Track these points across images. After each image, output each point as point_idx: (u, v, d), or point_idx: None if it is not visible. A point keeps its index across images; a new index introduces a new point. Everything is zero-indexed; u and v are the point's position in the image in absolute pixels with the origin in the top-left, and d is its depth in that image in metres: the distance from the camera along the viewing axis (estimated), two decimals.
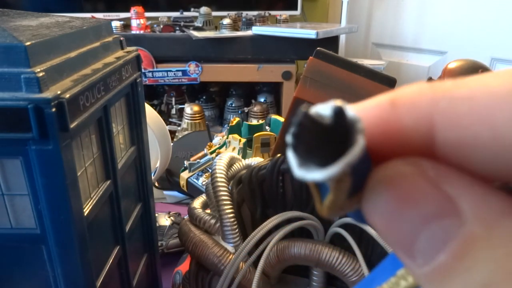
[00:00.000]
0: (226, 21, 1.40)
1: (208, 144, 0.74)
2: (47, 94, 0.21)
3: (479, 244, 0.09)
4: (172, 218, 0.62)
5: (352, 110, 0.11)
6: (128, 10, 1.43)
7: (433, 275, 0.10)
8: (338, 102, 0.10)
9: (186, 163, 0.71)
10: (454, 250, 0.10)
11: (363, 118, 0.11)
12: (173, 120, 1.46)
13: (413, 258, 0.10)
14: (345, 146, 0.10)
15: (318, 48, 0.45)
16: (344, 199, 0.11)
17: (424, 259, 0.10)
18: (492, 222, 0.09)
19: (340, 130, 0.10)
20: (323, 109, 0.10)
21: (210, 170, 0.41)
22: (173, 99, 1.48)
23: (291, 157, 0.10)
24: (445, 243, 0.10)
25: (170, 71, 1.37)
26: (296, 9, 1.58)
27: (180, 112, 1.41)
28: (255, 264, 0.36)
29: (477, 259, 0.09)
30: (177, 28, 1.42)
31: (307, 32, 1.26)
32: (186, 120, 1.19)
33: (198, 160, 0.70)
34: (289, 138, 0.10)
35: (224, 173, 0.39)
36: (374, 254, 0.37)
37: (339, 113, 0.10)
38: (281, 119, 0.72)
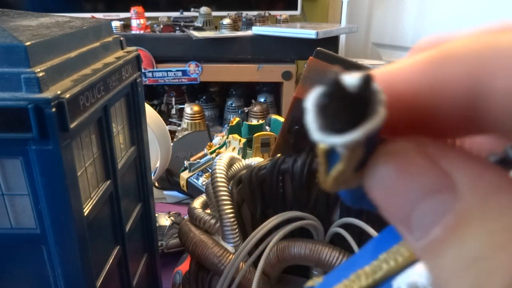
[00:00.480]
0: (226, 21, 1.40)
1: (208, 144, 0.74)
2: (47, 94, 0.21)
3: (472, 218, 0.10)
4: (172, 218, 0.62)
5: (383, 76, 0.11)
6: (128, 10, 1.43)
7: (429, 248, 0.10)
8: (361, 74, 0.10)
9: (186, 163, 0.71)
10: (448, 224, 0.10)
11: (403, 78, 0.11)
12: (173, 120, 1.46)
13: (411, 231, 0.10)
14: (365, 116, 0.10)
15: (318, 48, 0.45)
16: (351, 171, 0.11)
17: (420, 233, 0.10)
18: (486, 197, 0.10)
19: (363, 99, 0.10)
20: (351, 78, 0.10)
21: (210, 170, 0.41)
22: (173, 99, 1.48)
23: (311, 120, 0.10)
24: (440, 217, 0.10)
25: (170, 71, 1.37)
26: (296, 9, 1.58)
27: (180, 112, 1.41)
28: (255, 264, 0.36)
29: (470, 233, 0.09)
30: (177, 28, 1.42)
31: (307, 32, 1.26)
32: (186, 120, 1.19)
33: (198, 160, 0.70)
34: (311, 101, 0.10)
35: (224, 173, 0.39)
36: None
37: (366, 82, 0.10)
38: (281, 119, 0.72)
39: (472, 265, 0.09)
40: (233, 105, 1.49)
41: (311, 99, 0.10)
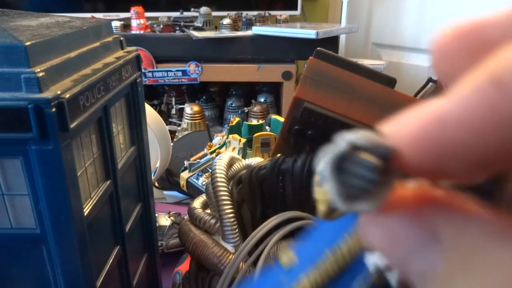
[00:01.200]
0: (226, 21, 1.40)
1: (208, 144, 0.74)
2: (47, 94, 0.21)
3: (456, 274, 0.10)
4: (172, 218, 0.62)
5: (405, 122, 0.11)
6: (128, 10, 1.43)
7: None
8: (369, 134, 0.10)
9: (186, 163, 0.71)
10: (436, 279, 0.10)
11: (460, 112, 0.09)
12: (173, 120, 1.46)
13: (410, 278, 0.11)
14: (381, 175, 0.10)
15: (318, 48, 0.45)
16: None
17: (417, 282, 0.11)
18: (470, 252, 0.10)
19: (375, 160, 0.10)
20: (356, 138, 0.10)
21: (210, 170, 0.41)
22: (173, 99, 1.48)
23: (333, 190, 0.10)
24: (429, 272, 0.10)
25: (170, 71, 1.37)
26: (296, 9, 1.58)
27: (180, 112, 1.41)
28: (255, 264, 0.36)
29: None
30: (177, 28, 1.42)
31: (307, 32, 1.26)
32: (186, 120, 1.19)
33: (198, 160, 0.70)
34: (328, 168, 0.10)
35: (224, 173, 0.39)
36: None
37: (373, 145, 0.10)
38: (281, 119, 0.72)
39: None
40: (233, 105, 1.49)
41: (327, 166, 0.10)
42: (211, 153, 0.70)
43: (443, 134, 0.09)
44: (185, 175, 0.69)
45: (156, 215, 0.53)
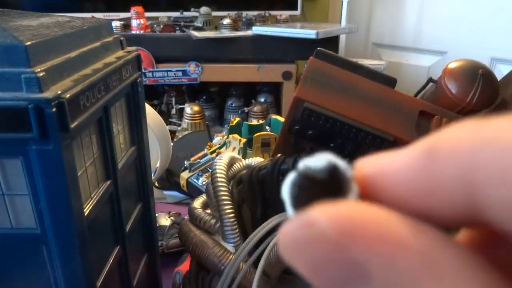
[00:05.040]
0: (226, 21, 1.40)
1: (208, 144, 0.74)
2: (48, 94, 0.21)
3: None
4: (172, 218, 0.62)
5: (370, 164, 0.11)
6: (128, 10, 1.43)
7: None
8: (327, 156, 0.11)
9: (186, 163, 0.71)
10: None
11: (395, 171, 0.10)
12: (173, 120, 1.46)
13: None
14: (343, 194, 0.11)
15: (318, 48, 0.45)
16: None
17: None
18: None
19: (335, 181, 0.11)
20: (315, 163, 0.11)
21: (210, 170, 0.41)
22: (173, 99, 1.48)
23: (291, 213, 0.11)
24: None
25: (170, 71, 1.37)
26: (296, 9, 1.58)
27: (180, 112, 1.41)
28: (255, 264, 0.36)
29: None
30: (177, 28, 1.42)
31: (307, 32, 1.26)
32: (186, 120, 1.19)
33: (198, 160, 0.70)
34: (286, 196, 0.11)
35: (225, 173, 0.39)
36: None
37: (332, 168, 0.11)
38: (281, 119, 0.72)
39: None
40: (233, 105, 1.49)
41: (286, 195, 0.11)
42: (211, 153, 0.70)
43: (384, 185, 0.11)
44: (185, 175, 0.69)
45: (156, 215, 0.53)
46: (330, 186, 0.11)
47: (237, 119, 0.72)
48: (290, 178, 0.11)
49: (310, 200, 0.10)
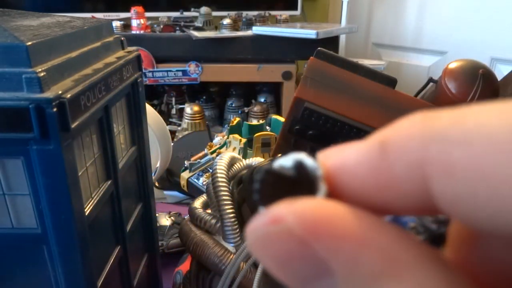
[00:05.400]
0: (226, 21, 1.40)
1: (209, 144, 0.74)
2: (48, 94, 0.21)
3: None
4: (172, 218, 0.62)
5: (329, 159, 0.11)
6: (128, 10, 1.43)
7: None
8: (297, 155, 0.11)
9: (186, 163, 0.71)
10: None
11: (350, 168, 0.11)
12: (173, 120, 1.46)
13: None
14: (311, 193, 0.11)
15: (318, 48, 0.45)
16: None
17: None
18: (361, 286, 0.09)
19: (304, 180, 0.11)
20: (284, 161, 0.11)
21: (211, 170, 0.41)
22: (173, 99, 1.48)
23: (261, 211, 0.11)
24: None
25: (170, 71, 1.37)
26: (296, 9, 1.58)
27: (180, 112, 1.41)
28: (255, 264, 0.36)
29: None
30: (177, 28, 1.42)
31: (307, 32, 1.26)
32: (186, 120, 1.19)
33: (199, 160, 0.70)
34: (255, 195, 0.11)
35: (225, 173, 0.39)
36: None
37: (299, 165, 0.11)
38: (282, 119, 0.72)
39: None
40: (233, 105, 1.49)
41: (254, 193, 0.11)
42: (212, 153, 0.70)
43: (343, 179, 0.11)
44: (185, 175, 0.69)
45: (157, 215, 0.53)
46: (298, 183, 0.11)
47: (237, 119, 0.72)
48: (258, 174, 0.11)
49: (277, 196, 0.11)
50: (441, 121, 0.09)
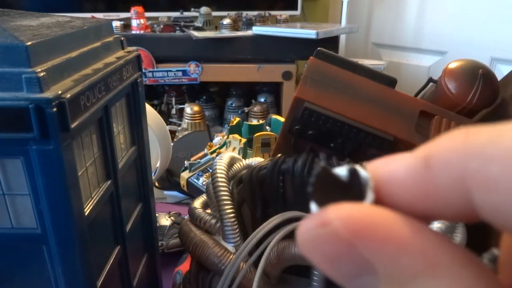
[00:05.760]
0: (226, 21, 1.40)
1: (209, 144, 0.74)
2: (48, 94, 0.21)
3: None
4: (172, 218, 0.62)
5: (377, 169, 0.12)
6: (128, 10, 1.43)
7: None
8: (353, 165, 0.12)
9: (186, 163, 0.71)
10: None
11: (396, 180, 0.12)
12: (173, 120, 1.46)
13: None
14: (359, 199, 0.11)
15: (318, 48, 0.45)
16: None
17: None
18: (401, 284, 0.10)
19: (355, 186, 0.12)
20: (340, 170, 0.12)
21: (211, 170, 0.41)
22: (173, 99, 1.48)
23: (313, 205, 0.12)
24: None
25: (170, 71, 1.37)
26: (296, 9, 1.58)
27: (180, 112, 1.41)
28: (255, 264, 0.36)
29: None
30: (177, 28, 1.42)
31: (307, 32, 1.26)
32: (186, 120, 1.19)
33: (199, 160, 0.70)
34: (310, 187, 0.12)
35: (225, 173, 0.39)
36: None
37: (353, 172, 0.12)
38: (282, 119, 0.72)
39: None
40: (233, 105, 1.49)
41: (309, 187, 0.12)
42: (212, 153, 0.70)
43: (391, 190, 0.12)
44: (185, 175, 0.69)
45: (157, 215, 0.53)
46: (349, 188, 0.12)
47: (237, 119, 0.72)
48: (316, 169, 0.12)
49: (327, 195, 0.12)
50: (480, 138, 0.10)
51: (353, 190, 0.12)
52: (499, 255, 0.13)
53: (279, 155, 0.39)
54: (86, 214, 0.26)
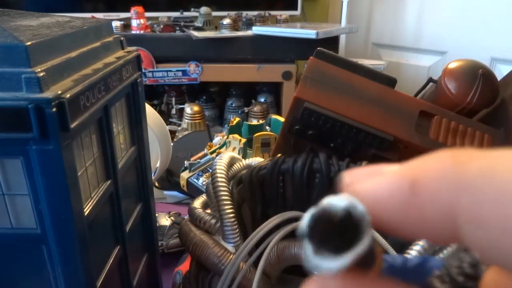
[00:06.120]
0: (226, 21, 1.40)
1: (208, 144, 0.74)
2: (48, 94, 0.21)
3: None
4: (172, 218, 0.62)
5: (365, 198, 0.11)
6: (128, 10, 1.43)
7: None
8: (349, 198, 0.11)
9: (186, 163, 0.71)
10: None
11: (380, 202, 0.11)
12: (173, 120, 1.46)
13: None
14: (354, 237, 0.11)
15: (318, 48, 0.45)
16: None
17: None
18: None
19: (350, 223, 0.11)
20: (336, 201, 0.11)
21: (211, 170, 0.41)
22: (173, 99, 1.48)
23: (307, 246, 0.11)
24: None
25: (170, 71, 1.37)
26: (296, 9, 1.58)
27: (180, 112, 1.41)
28: (255, 264, 0.36)
29: None
30: (177, 28, 1.42)
31: (307, 32, 1.26)
32: (186, 120, 1.19)
33: (198, 160, 0.70)
34: (304, 229, 0.12)
35: (225, 173, 0.39)
36: None
37: (350, 209, 0.11)
38: (281, 119, 0.72)
39: None
40: (233, 105, 1.49)
41: (303, 227, 0.12)
42: (211, 153, 0.70)
43: (374, 206, 0.11)
44: (185, 175, 0.69)
45: (157, 215, 0.53)
46: (346, 228, 0.11)
47: (237, 119, 0.72)
48: (311, 212, 0.12)
49: (325, 234, 0.11)
50: (471, 170, 0.10)
51: (349, 228, 0.11)
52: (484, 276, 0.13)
53: (279, 155, 0.39)
54: (85, 214, 0.26)
